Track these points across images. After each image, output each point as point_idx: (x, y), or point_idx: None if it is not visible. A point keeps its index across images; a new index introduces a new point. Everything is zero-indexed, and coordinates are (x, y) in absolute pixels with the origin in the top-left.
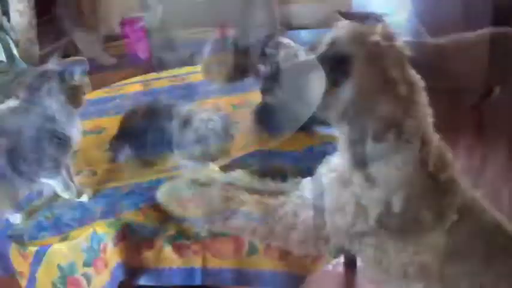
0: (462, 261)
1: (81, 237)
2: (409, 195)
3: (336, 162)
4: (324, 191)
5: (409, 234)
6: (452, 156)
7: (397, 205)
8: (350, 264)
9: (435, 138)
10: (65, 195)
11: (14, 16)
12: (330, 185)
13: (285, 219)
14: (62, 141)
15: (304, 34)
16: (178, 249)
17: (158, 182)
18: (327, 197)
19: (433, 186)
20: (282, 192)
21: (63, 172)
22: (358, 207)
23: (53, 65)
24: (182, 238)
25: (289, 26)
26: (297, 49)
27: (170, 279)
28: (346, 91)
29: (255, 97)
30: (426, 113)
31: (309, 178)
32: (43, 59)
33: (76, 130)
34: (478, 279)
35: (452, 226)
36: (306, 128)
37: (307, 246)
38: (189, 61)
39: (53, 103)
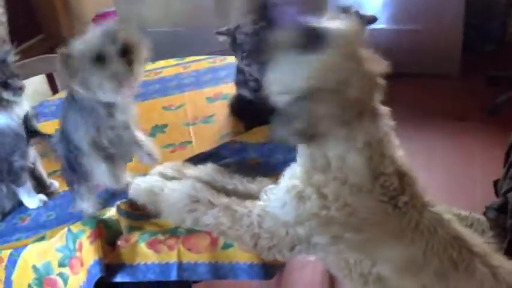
0: (418, 274)
1: (56, 236)
2: (362, 218)
3: (297, 172)
4: (285, 203)
5: (366, 250)
6: (414, 173)
7: (351, 226)
8: None
9: (397, 167)
10: (30, 204)
11: None
12: (290, 197)
13: (251, 228)
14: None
15: None
16: (153, 244)
17: None
18: (287, 209)
19: (391, 209)
20: (249, 194)
21: (26, 179)
22: (316, 222)
23: None
24: (157, 234)
25: None
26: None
27: (145, 274)
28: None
29: (229, 89)
30: (386, 147)
31: (272, 186)
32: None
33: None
34: None
35: (410, 241)
36: None
37: (274, 253)
38: None
39: None
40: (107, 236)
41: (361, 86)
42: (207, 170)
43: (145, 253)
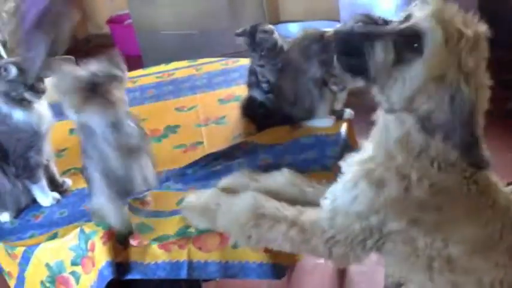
0: (490, 254)
1: (69, 235)
2: (444, 196)
3: (366, 158)
4: (356, 195)
5: (440, 230)
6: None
7: (432, 207)
8: None
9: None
10: (43, 202)
11: (1, 17)
12: (362, 187)
13: (323, 235)
14: (28, 132)
15: (292, 27)
16: (165, 245)
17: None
18: (360, 200)
19: (468, 188)
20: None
21: (41, 176)
22: (394, 209)
23: None
24: (169, 238)
25: (277, 20)
26: (279, 38)
27: (155, 272)
28: (414, 71)
29: (241, 91)
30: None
31: (337, 184)
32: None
33: (40, 122)
34: (503, 271)
35: (486, 222)
36: (292, 121)
37: (349, 257)
38: None
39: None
40: (118, 235)
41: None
42: (273, 179)
43: (156, 253)
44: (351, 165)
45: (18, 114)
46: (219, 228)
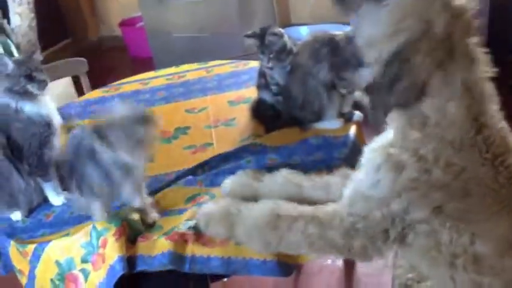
0: None
1: (80, 232)
2: (468, 179)
3: (386, 143)
4: (378, 180)
5: (467, 222)
6: None
7: (457, 191)
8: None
9: (499, 123)
10: (54, 201)
11: (14, 19)
12: (384, 171)
13: (342, 226)
14: (42, 127)
15: (303, 30)
16: (171, 236)
17: (155, 180)
18: (381, 184)
19: (495, 173)
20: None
21: (53, 175)
22: (415, 193)
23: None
24: (175, 228)
25: (288, 23)
26: (288, 41)
27: (161, 261)
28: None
29: (251, 93)
30: (486, 95)
31: (355, 172)
32: (45, 62)
33: (51, 114)
34: None
35: None
36: (301, 123)
37: (370, 252)
38: None
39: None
40: (129, 233)
41: (446, 20)
42: (279, 178)
43: (163, 244)
44: (371, 151)
45: (28, 107)
46: (237, 237)
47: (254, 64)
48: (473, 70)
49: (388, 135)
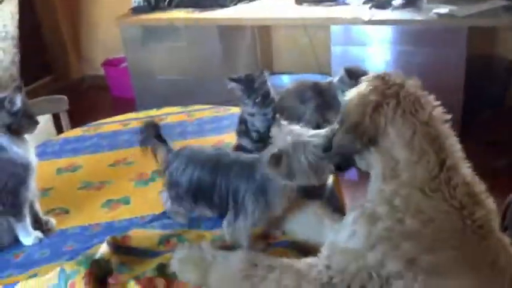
0: None
1: (49, 274)
2: (437, 229)
3: (364, 200)
4: (354, 231)
5: (438, 277)
6: (486, 195)
7: (426, 243)
8: None
9: (467, 174)
10: (25, 241)
11: None
12: (360, 223)
13: (319, 279)
14: (20, 167)
15: (285, 79)
16: (142, 281)
17: (130, 223)
18: (357, 236)
19: (463, 225)
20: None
21: (26, 215)
22: (389, 245)
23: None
24: (146, 273)
25: (270, 71)
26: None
27: None
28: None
29: (231, 139)
30: (442, 130)
31: (337, 225)
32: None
33: (31, 157)
34: None
35: (487, 278)
36: None
37: None
38: None
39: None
40: (98, 273)
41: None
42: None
43: None
44: (352, 208)
45: (14, 148)
46: (209, 284)
47: (235, 110)
48: (428, 114)
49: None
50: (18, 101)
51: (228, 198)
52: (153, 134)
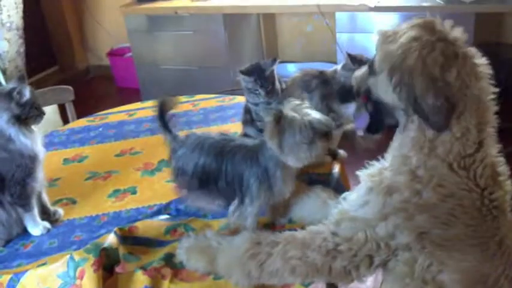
0: None
1: (58, 262)
2: (454, 205)
3: (379, 168)
4: (367, 201)
5: (444, 249)
6: (507, 177)
7: (442, 214)
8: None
9: (493, 150)
10: (34, 231)
11: (3, 44)
12: (375, 193)
13: (324, 245)
14: (28, 158)
15: (291, 68)
16: (149, 271)
17: (137, 212)
18: (370, 206)
19: (481, 204)
20: None
21: (34, 205)
22: (403, 216)
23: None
24: (153, 263)
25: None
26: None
27: None
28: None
29: (236, 128)
30: (488, 112)
31: (348, 192)
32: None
33: (38, 148)
34: None
35: (491, 256)
36: None
37: (351, 274)
38: None
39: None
40: (106, 262)
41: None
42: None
43: (140, 279)
44: (366, 175)
45: (22, 139)
46: (217, 270)
47: (240, 99)
48: (479, 87)
49: (385, 160)
50: (27, 92)
51: (234, 184)
52: (161, 123)
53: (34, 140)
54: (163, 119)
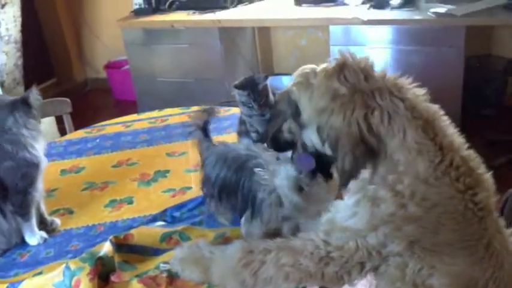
0: None
1: (54, 272)
2: (440, 213)
3: (364, 179)
4: (355, 212)
5: (434, 254)
6: (483, 168)
7: (429, 223)
8: None
9: (462, 148)
10: (31, 241)
11: (1, 57)
12: (362, 205)
13: (316, 253)
14: (33, 166)
15: (285, 80)
16: (144, 280)
17: (133, 222)
18: (359, 217)
19: (464, 209)
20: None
21: (33, 215)
22: (392, 226)
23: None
24: (148, 272)
25: (271, 72)
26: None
27: None
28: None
29: (231, 139)
30: (430, 113)
31: (337, 201)
32: None
33: (43, 157)
34: None
35: (479, 260)
36: None
37: (343, 279)
38: None
39: (22, 129)
40: (101, 270)
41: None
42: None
43: (135, 287)
44: (354, 185)
45: (36, 145)
46: (212, 279)
47: (235, 110)
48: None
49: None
50: (39, 96)
51: (249, 200)
52: (200, 127)
53: (41, 148)
54: (206, 127)
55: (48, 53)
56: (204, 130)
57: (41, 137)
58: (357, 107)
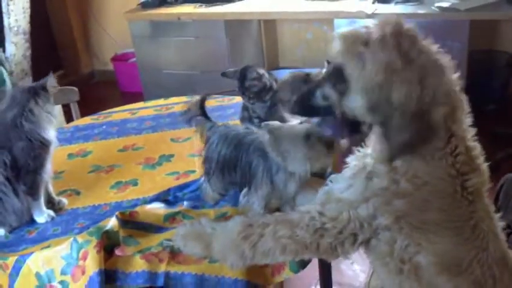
0: (456, 277)
1: (62, 245)
2: (429, 191)
3: (363, 154)
4: (351, 184)
5: (421, 232)
6: (482, 160)
7: (418, 200)
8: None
9: (468, 135)
10: (39, 219)
11: (10, 48)
12: (358, 178)
13: (312, 224)
14: (44, 146)
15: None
16: (146, 256)
17: (138, 202)
18: (353, 189)
19: (454, 191)
20: None
21: (42, 194)
22: (382, 200)
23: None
24: (151, 248)
25: (276, 65)
26: (268, 80)
27: (135, 280)
28: (353, 96)
29: None
30: (457, 101)
31: (335, 175)
32: None
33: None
34: None
35: (465, 240)
36: None
37: (338, 251)
38: None
39: (41, 111)
40: (106, 243)
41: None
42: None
43: (138, 263)
44: (352, 159)
45: (47, 130)
46: (213, 254)
47: (238, 99)
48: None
49: (367, 148)
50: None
51: (246, 172)
52: (198, 113)
53: (53, 131)
54: (204, 110)
55: (56, 45)
56: (203, 113)
57: (55, 121)
58: (418, 84)
